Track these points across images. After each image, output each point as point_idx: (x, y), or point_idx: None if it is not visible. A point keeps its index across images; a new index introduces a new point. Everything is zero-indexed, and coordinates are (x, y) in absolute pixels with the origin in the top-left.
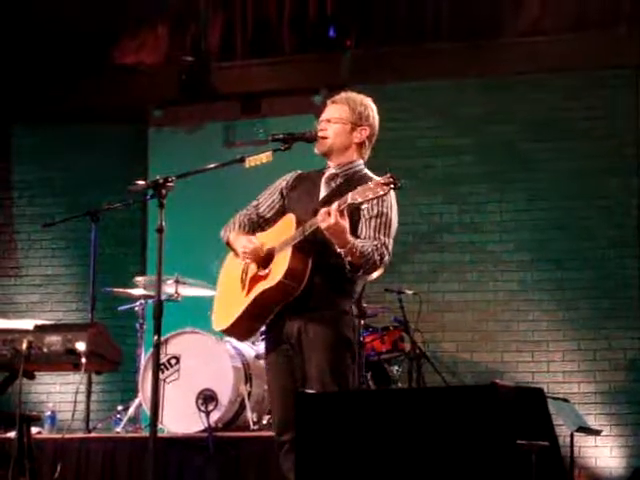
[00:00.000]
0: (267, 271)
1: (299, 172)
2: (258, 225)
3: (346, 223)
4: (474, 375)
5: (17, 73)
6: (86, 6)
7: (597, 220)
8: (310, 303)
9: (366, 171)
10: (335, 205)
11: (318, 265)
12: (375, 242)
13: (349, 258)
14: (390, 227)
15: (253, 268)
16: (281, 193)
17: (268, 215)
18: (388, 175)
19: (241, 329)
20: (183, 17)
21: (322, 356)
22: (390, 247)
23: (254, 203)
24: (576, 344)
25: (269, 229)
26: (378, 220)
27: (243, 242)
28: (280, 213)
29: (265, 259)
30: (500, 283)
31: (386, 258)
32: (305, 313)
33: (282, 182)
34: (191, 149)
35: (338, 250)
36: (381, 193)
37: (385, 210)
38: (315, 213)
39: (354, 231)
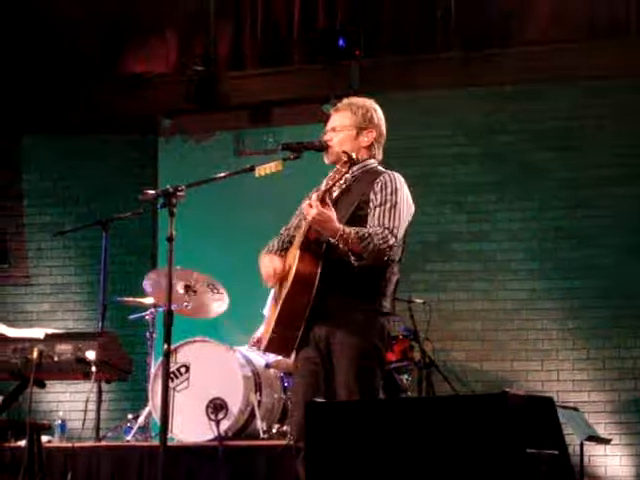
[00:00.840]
0: (287, 282)
1: (320, 187)
2: (290, 244)
3: (331, 212)
4: (484, 384)
5: (26, 83)
6: (95, 15)
7: (605, 229)
8: (335, 306)
9: (379, 167)
10: (314, 196)
11: (334, 266)
12: (376, 227)
13: (346, 246)
14: (395, 212)
15: (284, 287)
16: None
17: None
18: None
19: (279, 343)
20: (193, 26)
21: (349, 364)
22: (397, 230)
23: (286, 225)
24: (585, 353)
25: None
26: (382, 208)
27: (265, 263)
28: None
29: (288, 271)
30: (509, 292)
31: (391, 241)
32: (332, 317)
33: (306, 199)
34: (201, 158)
35: (331, 241)
36: (343, 170)
37: (388, 197)
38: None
39: (363, 225)
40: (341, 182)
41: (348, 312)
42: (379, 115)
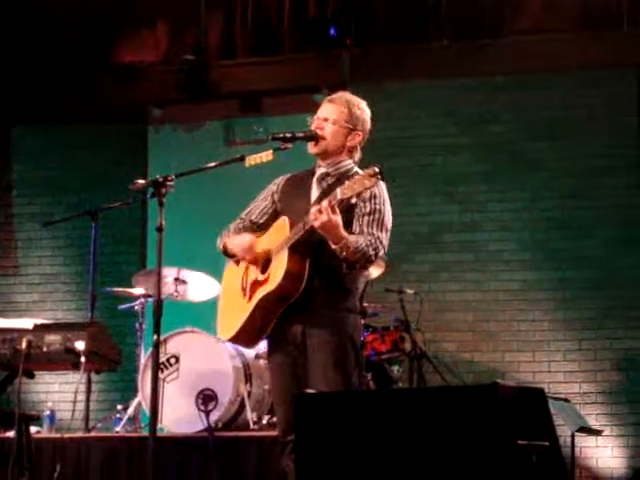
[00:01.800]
0: (266, 275)
1: (288, 175)
2: (252, 232)
3: (339, 219)
4: (475, 375)
5: (16, 73)
6: (86, 5)
7: (597, 219)
8: (312, 303)
9: (357, 169)
10: (326, 202)
11: (317, 265)
12: (369, 237)
13: (344, 254)
14: (383, 222)
15: (252, 274)
16: (272, 197)
17: (261, 221)
18: (373, 167)
19: (247, 336)
20: (183, 16)
21: (326, 357)
22: (385, 242)
23: (245, 211)
24: (577, 344)
25: (264, 234)
26: (371, 217)
27: (237, 240)
28: (273, 218)
29: (263, 264)
30: (501, 283)
31: (381, 252)
32: (308, 314)
33: (272, 187)
34: (191, 148)
35: (333, 247)
36: (368, 185)
37: (377, 207)
38: (308, 213)
39: (348, 229)
40: (322, 182)
41: (323, 310)
42: (368, 118)
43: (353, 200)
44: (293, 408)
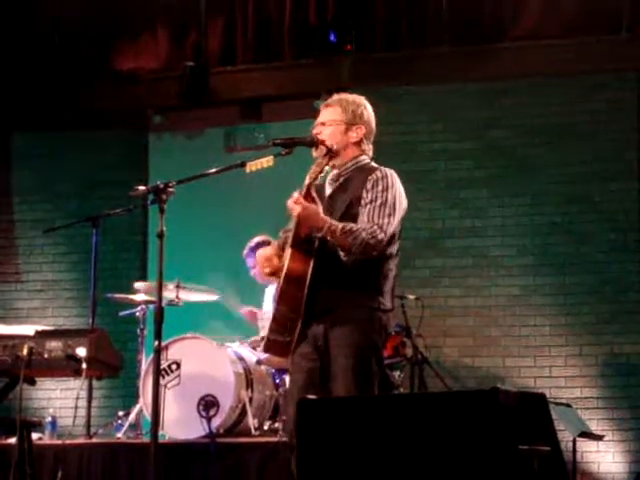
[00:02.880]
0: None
1: (316, 183)
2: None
3: (318, 206)
4: (476, 380)
5: (17, 79)
6: (85, 12)
7: (599, 225)
8: (331, 304)
9: (372, 164)
10: (296, 193)
11: (329, 262)
12: (366, 224)
13: (333, 240)
14: (385, 209)
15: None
16: None
17: None
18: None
19: (277, 345)
20: (183, 22)
21: (347, 361)
22: (386, 227)
23: (285, 228)
24: (578, 349)
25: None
26: (372, 205)
27: (259, 253)
28: None
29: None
30: (502, 288)
31: (380, 236)
32: (329, 315)
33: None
34: (191, 154)
35: (318, 235)
36: (324, 162)
37: (379, 194)
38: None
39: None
40: (322, 174)
41: (346, 309)
42: (369, 112)
43: (327, 189)
44: None
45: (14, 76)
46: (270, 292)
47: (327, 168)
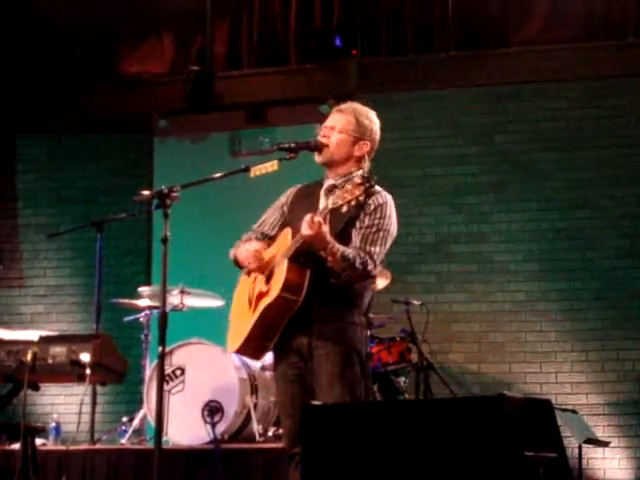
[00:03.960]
0: (269, 286)
1: (299, 186)
2: (263, 244)
3: (326, 228)
4: (482, 386)
5: (21, 83)
6: (91, 16)
7: (605, 230)
8: (317, 316)
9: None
10: (319, 214)
11: (319, 278)
12: (360, 251)
13: (330, 260)
14: (379, 237)
15: (258, 285)
16: (282, 209)
17: (272, 233)
18: (361, 174)
19: (252, 348)
20: (189, 26)
21: (332, 369)
22: (377, 257)
23: (257, 223)
24: (584, 355)
25: (272, 246)
26: (367, 230)
27: (243, 249)
28: (283, 229)
29: (268, 274)
30: (507, 294)
31: (369, 267)
32: (313, 326)
33: (282, 198)
34: (196, 159)
35: (318, 253)
36: (357, 193)
37: (376, 221)
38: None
39: (348, 241)
40: (352, 204)
41: (329, 322)
42: (377, 128)
43: (344, 209)
44: (299, 419)
45: (19, 80)
46: None
47: (361, 198)
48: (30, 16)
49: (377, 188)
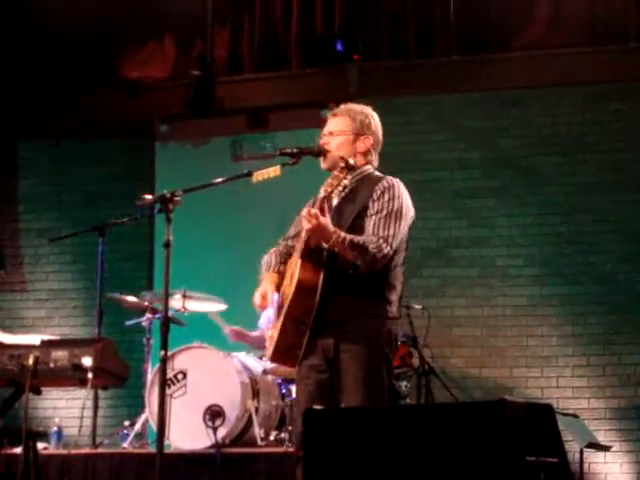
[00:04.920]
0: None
1: (318, 195)
2: (289, 255)
3: (326, 219)
4: (483, 391)
5: (22, 88)
6: (92, 20)
7: (606, 235)
8: (341, 314)
9: (376, 173)
10: (314, 206)
11: (338, 273)
12: (372, 237)
13: (339, 251)
14: (391, 220)
15: (288, 289)
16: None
17: (294, 242)
18: (340, 162)
19: (284, 354)
20: (190, 31)
21: (357, 371)
22: (392, 239)
23: (284, 236)
24: (585, 359)
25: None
26: (378, 216)
27: (260, 289)
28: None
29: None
30: (509, 298)
31: (385, 250)
32: (339, 325)
33: (304, 209)
34: (198, 163)
35: (326, 246)
36: (341, 176)
37: (385, 204)
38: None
39: (362, 233)
40: (339, 189)
41: (355, 319)
42: (376, 122)
43: (334, 199)
44: None
45: (20, 85)
46: (266, 313)
47: (344, 182)
48: (31, 20)
49: (380, 174)
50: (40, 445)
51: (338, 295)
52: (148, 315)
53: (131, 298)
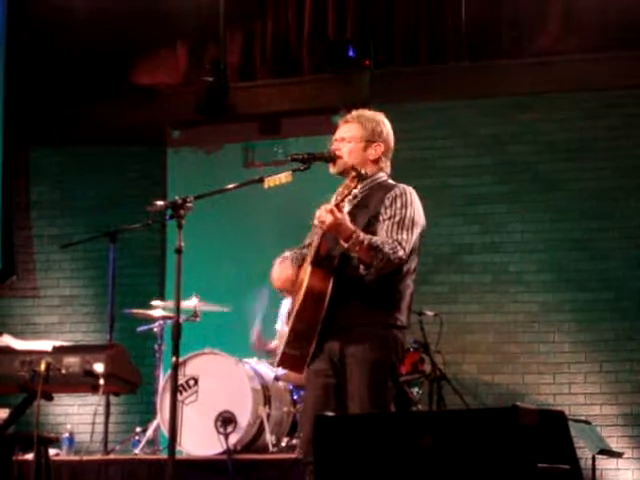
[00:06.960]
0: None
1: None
2: (303, 261)
3: (345, 216)
4: (495, 397)
5: (35, 95)
6: (104, 28)
7: (619, 241)
8: (349, 320)
9: (389, 181)
10: (327, 206)
11: (347, 280)
12: (387, 239)
13: (357, 250)
14: (403, 226)
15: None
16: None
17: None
18: (352, 171)
19: (292, 359)
20: (202, 37)
21: (362, 377)
22: (405, 243)
23: (300, 245)
24: (598, 366)
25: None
26: (391, 221)
27: (278, 269)
28: None
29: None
30: (521, 304)
31: (400, 253)
32: (346, 331)
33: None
34: (210, 170)
35: (344, 245)
36: (352, 185)
37: (397, 211)
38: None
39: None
40: (350, 197)
41: (363, 326)
42: (388, 129)
43: (345, 206)
44: None
45: (33, 91)
46: (285, 306)
47: (355, 191)
48: (44, 28)
49: (392, 182)
50: (52, 451)
51: (347, 302)
52: (160, 321)
53: (145, 311)
